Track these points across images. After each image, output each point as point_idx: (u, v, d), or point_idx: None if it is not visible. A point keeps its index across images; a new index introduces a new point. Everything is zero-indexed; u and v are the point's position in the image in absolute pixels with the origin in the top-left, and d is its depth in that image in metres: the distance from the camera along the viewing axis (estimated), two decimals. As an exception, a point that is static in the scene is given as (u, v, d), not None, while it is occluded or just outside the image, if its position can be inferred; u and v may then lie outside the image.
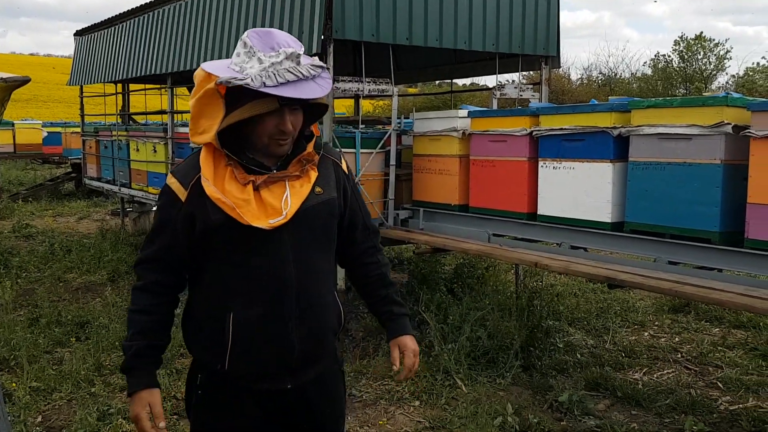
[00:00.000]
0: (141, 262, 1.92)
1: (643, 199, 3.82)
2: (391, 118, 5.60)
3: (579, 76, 28.12)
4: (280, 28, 5.33)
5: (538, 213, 4.49)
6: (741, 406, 4.10)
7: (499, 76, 6.29)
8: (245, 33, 1.78)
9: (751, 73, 26.13)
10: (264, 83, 1.69)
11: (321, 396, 1.97)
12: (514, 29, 5.80)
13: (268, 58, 1.72)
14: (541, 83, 6.12)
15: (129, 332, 1.88)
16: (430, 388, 4.24)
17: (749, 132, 3.25)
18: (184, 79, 8.38)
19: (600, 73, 27.83)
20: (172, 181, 1.85)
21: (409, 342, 2.06)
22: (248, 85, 1.69)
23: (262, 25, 5.55)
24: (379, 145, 5.47)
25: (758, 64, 25.01)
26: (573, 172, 4.21)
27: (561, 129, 4.24)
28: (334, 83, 5.11)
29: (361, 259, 2.07)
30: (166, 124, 7.45)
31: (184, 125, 7.51)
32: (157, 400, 1.86)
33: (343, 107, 18.83)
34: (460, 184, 5.09)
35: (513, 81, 6.17)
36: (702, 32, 27.95)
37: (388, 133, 5.48)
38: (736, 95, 3.43)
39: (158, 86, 9.30)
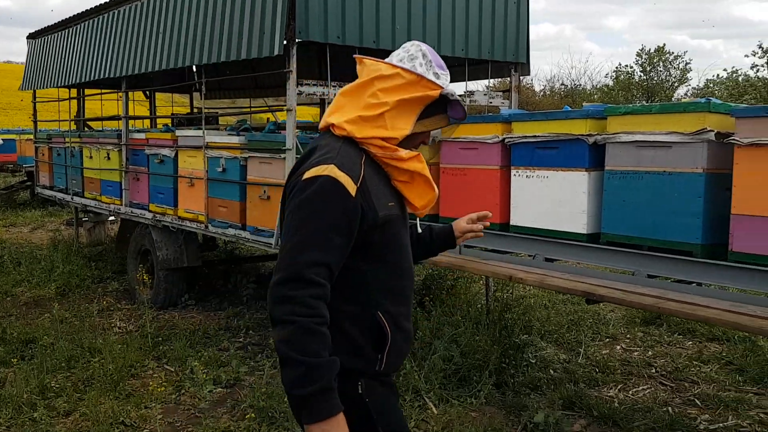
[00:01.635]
0: (314, 264, 1.63)
1: (620, 210, 3.65)
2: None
3: (542, 87, 28.33)
4: (240, 29, 5.07)
5: (511, 223, 4.30)
6: (721, 425, 3.95)
7: (466, 83, 6.12)
8: (417, 43, 1.89)
9: (711, 85, 26.61)
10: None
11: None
12: (484, 35, 5.63)
13: (443, 75, 1.87)
14: (511, 90, 5.97)
15: (319, 347, 1.60)
16: (398, 410, 4.00)
17: (733, 139, 3.10)
18: (140, 82, 8.04)
19: (562, 84, 28.09)
20: (340, 174, 1.67)
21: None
22: (461, 102, 1.88)
23: (221, 26, 5.28)
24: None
25: (718, 76, 25.52)
26: (547, 181, 4.03)
27: (534, 136, 4.06)
28: (297, 87, 4.87)
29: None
30: (120, 131, 7.09)
31: (140, 131, 7.17)
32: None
33: (309, 115, 18.50)
34: (429, 193, 4.87)
35: (479, 90, 6.00)
36: (664, 44, 28.39)
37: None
38: (718, 101, 3.29)
39: (115, 90, 8.93)
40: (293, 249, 1.64)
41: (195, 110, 10.02)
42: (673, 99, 25.21)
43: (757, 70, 19.04)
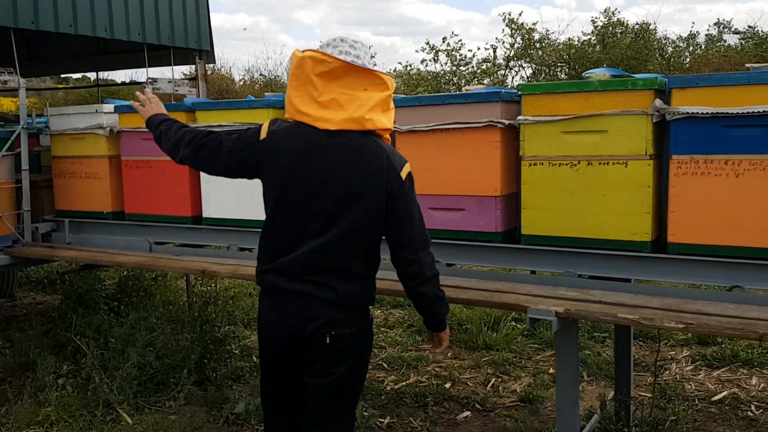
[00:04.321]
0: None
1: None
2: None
3: (242, 77, 28.29)
4: None
5: (204, 216, 4.20)
6: (405, 383, 4.41)
7: (154, 70, 5.81)
8: (358, 42, 2.36)
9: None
10: None
11: None
12: (162, 19, 5.37)
13: None
14: (197, 78, 5.82)
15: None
16: (87, 428, 3.65)
17: (396, 127, 3.43)
18: None
19: (261, 74, 28.42)
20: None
21: None
22: None
23: None
24: (6, 147, 4.56)
25: (396, 69, 28.23)
26: (235, 171, 4.01)
27: (219, 126, 4.00)
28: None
29: None
30: None
31: None
32: None
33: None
34: (112, 188, 4.51)
35: (163, 77, 5.74)
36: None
37: (17, 132, 4.61)
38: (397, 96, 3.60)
39: None
40: (423, 225, 2.39)
41: None
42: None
43: (426, 65, 21.45)
